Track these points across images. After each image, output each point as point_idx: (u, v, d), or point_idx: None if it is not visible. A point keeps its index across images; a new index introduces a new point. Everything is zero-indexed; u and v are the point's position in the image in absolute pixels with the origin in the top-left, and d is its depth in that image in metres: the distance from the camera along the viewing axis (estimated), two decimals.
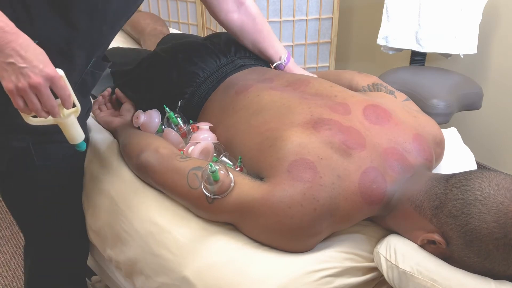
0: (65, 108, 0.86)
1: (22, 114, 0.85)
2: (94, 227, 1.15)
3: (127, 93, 1.35)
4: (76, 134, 0.91)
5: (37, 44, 0.82)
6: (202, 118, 1.22)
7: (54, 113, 0.84)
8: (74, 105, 0.88)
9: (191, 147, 1.07)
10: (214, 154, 1.08)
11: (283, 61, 1.33)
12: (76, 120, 0.90)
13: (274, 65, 1.34)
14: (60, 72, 0.83)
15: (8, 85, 0.78)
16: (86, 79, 1.02)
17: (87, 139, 1.20)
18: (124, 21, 1.06)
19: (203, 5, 2.46)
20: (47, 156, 1.06)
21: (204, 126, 1.13)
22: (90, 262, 1.35)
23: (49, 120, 0.87)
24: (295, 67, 1.35)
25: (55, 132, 0.96)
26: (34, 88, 0.79)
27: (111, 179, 1.12)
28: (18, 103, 0.81)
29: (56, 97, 0.84)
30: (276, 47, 1.33)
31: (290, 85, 1.14)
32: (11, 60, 0.77)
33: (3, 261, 1.83)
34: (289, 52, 1.38)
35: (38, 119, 0.86)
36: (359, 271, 0.88)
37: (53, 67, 0.81)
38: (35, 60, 0.78)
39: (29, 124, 0.87)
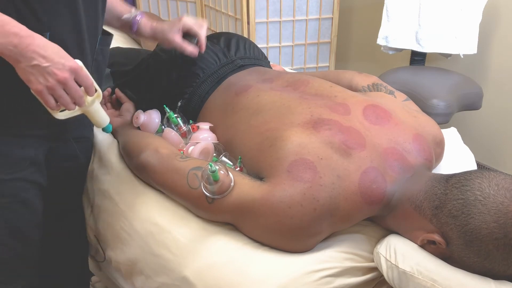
0: (89, 95, 0.89)
1: (51, 111, 0.88)
2: (93, 228, 1.15)
3: (127, 93, 1.35)
4: (101, 118, 0.96)
5: (49, 36, 0.84)
6: (202, 118, 1.22)
7: (81, 103, 0.87)
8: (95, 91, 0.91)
9: (191, 147, 1.07)
10: (214, 154, 1.08)
11: (135, 13, 1.22)
12: (100, 105, 0.94)
13: (124, 17, 1.22)
14: (79, 62, 0.86)
15: (37, 87, 0.81)
16: (97, 59, 1.04)
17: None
18: None
19: (201, 5, 2.47)
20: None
21: (204, 126, 1.13)
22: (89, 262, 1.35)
23: (76, 111, 0.90)
24: (153, 22, 1.24)
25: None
26: (63, 84, 0.82)
27: (111, 179, 1.12)
28: (50, 101, 0.83)
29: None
30: (123, 6, 1.24)
31: (290, 85, 1.14)
32: (35, 62, 0.79)
33: None
34: (143, 13, 1.26)
35: (66, 112, 0.89)
36: (359, 271, 0.88)
37: (73, 59, 0.84)
38: (56, 57, 0.81)
39: (58, 118, 0.89)
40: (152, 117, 1.20)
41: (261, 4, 2.29)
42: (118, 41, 1.85)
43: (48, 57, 0.80)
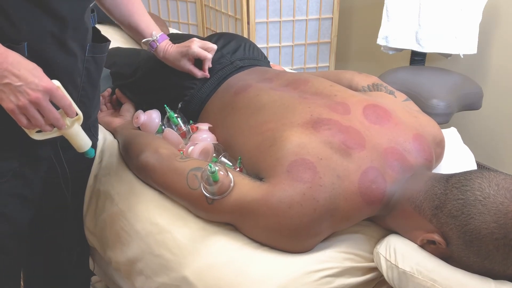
0: (68, 117, 0.86)
1: (26, 131, 0.85)
2: (93, 228, 1.15)
3: (127, 93, 1.35)
4: (82, 142, 0.91)
5: (27, 46, 0.81)
6: (202, 119, 1.22)
7: (59, 125, 0.84)
8: (76, 114, 0.87)
9: (191, 148, 1.07)
10: (214, 155, 1.08)
11: (155, 37, 1.22)
12: (81, 128, 0.90)
13: (143, 41, 1.24)
14: (56, 83, 0.83)
15: (8, 105, 0.78)
16: (89, 68, 1.00)
17: (95, 143, 1.18)
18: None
19: (201, 5, 2.47)
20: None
21: (203, 126, 1.12)
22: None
23: (54, 133, 0.87)
24: (167, 47, 1.23)
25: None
26: (35, 104, 0.79)
27: (110, 179, 1.12)
28: (22, 120, 0.80)
29: (57, 108, 0.83)
30: (148, 22, 1.23)
31: (289, 84, 1.14)
32: (7, 81, 0.77)
33: None
34: (166, 36, 1.26)
35: (43, 133, 0.86)
36: (359, 271, 0.88)
37: (49, 79, 0.81)
38: (30, 76, 0.78)
39: (35, 139, 0.86)
40: (152, 117, 1.20)
41: (261, 4, 2.29)
42: (119, 41, 1.85)
43: (21, 76, 0.77)
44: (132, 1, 1.21)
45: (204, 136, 1.11)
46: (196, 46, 1.21)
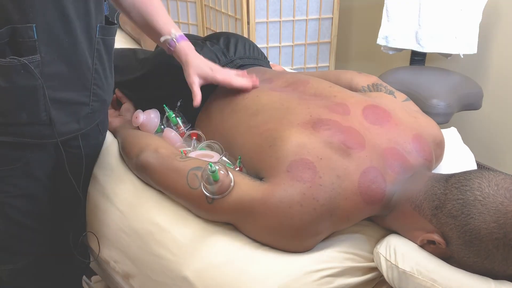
0: None
1: None
2: (93, 228, 1.15)
3: (126, 93, 1.35)
4: None
5: (35, 28, 0.84)
6: (202, 118, 1.22)
7: None
8: None
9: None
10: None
11: (173, 35, 1.17)
12: None
13: (162, 39, 1.19)
14: None
15: None
16: (99, 49, 1.00)
17: (101, 141, 1.20)
18: None
19: (201, 5, 2.47)
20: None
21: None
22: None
23: None
24: (190, 51, 1.18)
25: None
26: None
27: (110, 179, 1.12)
28: None
29: None
30: (165, 21, 1.19)
31: (289, 85, 1.14)
32: None
33: None
34: (186, 37, 1.20)
35: None
36: (359, 271, 0.88)
37: None
38: None
39: None
40: (151, 117, 1.20)
41: (261, 4, 2.29)
42: (119, 41, 1.85)
43: None
44: (151, 1, 1.18)
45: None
46: (220, 76, 1.15)
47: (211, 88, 1.22)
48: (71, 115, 0.99)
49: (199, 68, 1.15)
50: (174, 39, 1.17)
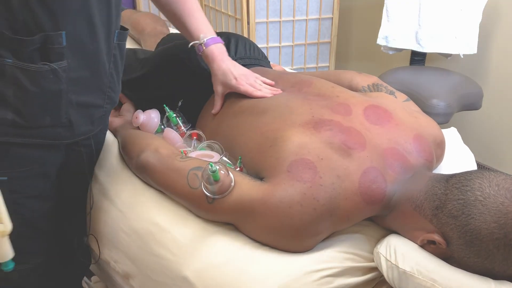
0: None
1: None
2: (93, 228, 1.15)
3: (126, 93, 1.35)
4: (2, 253, 0.83)
5: (65, 35, 0.86)
6: (202, 118, 1.22)
7: None
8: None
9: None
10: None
11: (202, 40, 1.16)
12: (5, 239, 0.82)
13: (190, 45, 1.19)
14: None
15: None
16: (116, 54, 1.03)
17: (102, 139, 1.20)
18: None
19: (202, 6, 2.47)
20: None
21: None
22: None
23: None
24: (216, 56, 1.16)
25: None
26: None
27: (110, 179, 1.12)
28: None
29: None
30: (198, 24, 1.18)
31: (293, 86, 1.14)
32: None
33: None
34: (219, 39, 1.18)
35: None
36: (359, 271, 0.88)
37: None
38: None
39: None
40: (151, 117, 1.20)
41: (261, 4, 2.29)
42: None
43: None
44: (185, 0, 1.19)
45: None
46: (243, 88, 1.13)
47: (211, 88, 1.22)
48: (87, 117, 1.01)
49: (224, 76, 1.16)
50: (202, 44, 1.17)
